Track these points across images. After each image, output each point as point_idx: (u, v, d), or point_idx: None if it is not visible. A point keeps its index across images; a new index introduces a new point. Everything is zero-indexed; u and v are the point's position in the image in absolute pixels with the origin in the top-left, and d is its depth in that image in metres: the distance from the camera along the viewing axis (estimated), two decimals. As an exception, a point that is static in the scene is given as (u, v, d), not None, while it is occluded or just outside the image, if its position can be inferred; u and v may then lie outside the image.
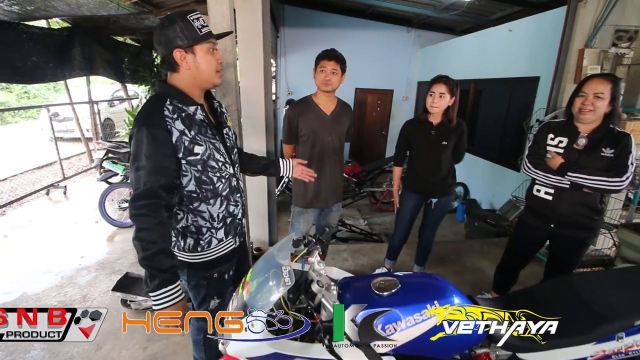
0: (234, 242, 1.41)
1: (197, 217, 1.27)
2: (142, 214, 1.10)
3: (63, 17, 4.66)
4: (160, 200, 1.12)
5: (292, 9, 6.77)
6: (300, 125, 2.12)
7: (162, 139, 1.12)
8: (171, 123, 1.14)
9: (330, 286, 1.12)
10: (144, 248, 1.09)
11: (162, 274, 1.10)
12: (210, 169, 1.26)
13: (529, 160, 1.91)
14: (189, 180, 1.22)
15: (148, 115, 1.15)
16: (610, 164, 1.68)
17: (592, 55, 3.08)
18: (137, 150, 1.11)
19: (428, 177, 2.34)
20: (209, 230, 1.30)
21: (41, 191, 5.30)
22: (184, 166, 1.19)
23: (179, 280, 1.17)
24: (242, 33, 2.49)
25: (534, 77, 4.19)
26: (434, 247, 2.74)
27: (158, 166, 1.11)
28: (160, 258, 1.10)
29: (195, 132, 1.20)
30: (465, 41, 5.90)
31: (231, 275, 1.45)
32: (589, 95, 1.68)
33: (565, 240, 1.91)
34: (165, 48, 1.16)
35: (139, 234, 1.10)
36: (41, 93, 14.13)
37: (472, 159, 5.53)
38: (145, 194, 1.10)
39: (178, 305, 1.14)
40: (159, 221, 1.11)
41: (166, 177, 1.13)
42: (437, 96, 2.15)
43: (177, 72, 1.20)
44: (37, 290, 2.88)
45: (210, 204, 1.28)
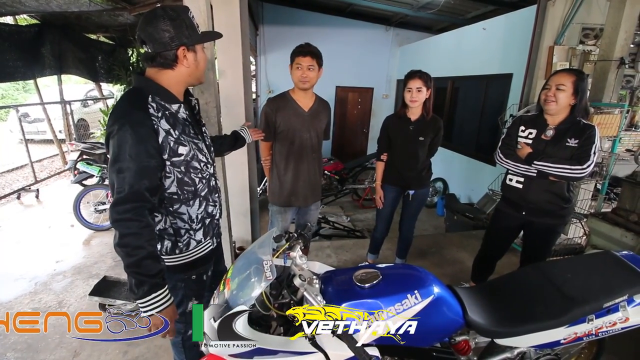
0: (212, 242, 1.38)
1: (176, 219, 1.24)
2: (127, 219, 1.04)
3: (31, 13, 4.45)
4: (146, 204, 1.07)
5: (271, 6, 6.72)
6: (278, 122, 2.09)
7: (149, 139, 1.06)
8: (157, 122, 1.09)
9: (313, 280, 1.13)
10: (130, 254, 1.04)
11: (151, 279, 1.06)
12: (192, 170, 1.22)
13: (501, 150, 2.03)
14: (171, 182, 1.17)
15: (131, 113, 1.07)
16: (575, 153, 1.78)
17: (561, 53, 3.21)
18: (119, 150, 1.03)
19: (405, 170, 2.44)
20: (187, 232, 1.26)
21: (11, 195, 5.06)
22: (168, 167, 1.14)
23: (167, 283, 1.14)
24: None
25: (507, 73, 4.32)
26: (415, 241, 2.80)
27: (144, 167, 1.05)
28: (149, 263, 1.06)
29: (179, 132, 1.16)
30: (441, 40, 6.02)
31: (209, 276, 1.42)
32: (552, 87, 1.79)
33: (537, 228, 2.01)
34: (165, 44, 1.08)
35: (124, 240, 1.04)
36: (9, 94, 13.45)
37: (450, 154, 5.67)
38: (130, 197, 1.04)
39: (168, 310, 1.11)
40: (145, 224, 1.06)
41: (151, 179, 1.08)
42: (415, 91, 2.23)
43: (171, 69, 1.14)
44: (10, 297, 2.76)
45: (190, 205, 1.25)
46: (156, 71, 1.15)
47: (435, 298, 1.13)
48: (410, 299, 1.10)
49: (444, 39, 5.95)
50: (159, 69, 1.14)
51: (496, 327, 1.21)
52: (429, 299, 1.12)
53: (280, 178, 2.21)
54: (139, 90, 1.14)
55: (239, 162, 2.88)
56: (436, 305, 1.13)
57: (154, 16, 1.08)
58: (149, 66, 1.15)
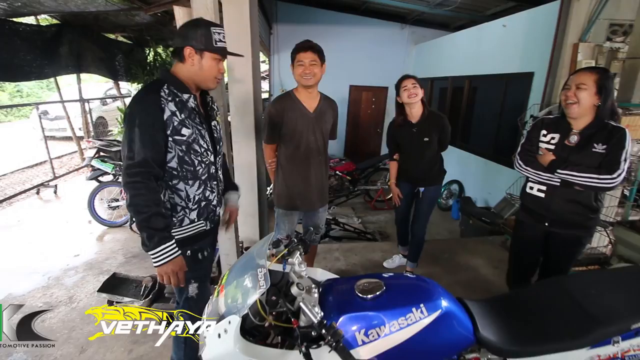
0: (204, 224, 1.46)
1: (174, 194, 1.35)
2: (136, 181, 1.20)
3: (51, 13, 4.56)
4: (152, 170, 1.23)
5: (285, 5, 6.70)
6: (283, 123, 2.01)
7: (154, 114, 1.23)
8: (165, 102, 1.26)
9: (311, 289, 1.07)
10: (140, 212, 1.20)
11: (159, 232, 1.21)
12: (193, 152, 1.35)
13: (520, 157, 1.87)
14: (172, 157, 1.31)
15: (144, 95, 1.28)
16: (603, 161, 1.61)
17: (586, 50, 3.04)
18: (131, 123, 1.21)
19: (413, 170, 2.50)
20: (183, 210, 1.37)
21: (31, 190, 5.22)
22: (170, 143, 1.28)
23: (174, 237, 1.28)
24: (229, 26, 2.40)
25: (528, 72, 4.14)
26: (428, 245, 2.72)
27: (150, 138, 1.22)
28: (156, 219, 1.21)
29: (185, 116, 1.32)
30: (459, 37, 5.84)
31: (206, 257, 1.50)
32: (572, 87, 1.64)
33: (560, 239, 1.85)
34: (181, 41, 1.32)
35: (134, 200, 1.20)
36: (34, 92, 13.98)
37: (467, 156, 5.50)
38: (138, 163, 1.20)
39: (177, 260, 1.25)
40: (152, 187, 1.23)
41: (156, 149, 1.24)
42: (411, 87, 2.27)
43: (182, 63, 1.34)
44: (23, 291, 2.83)
45: (189, 184, 1.37)
46: (176, 64, 1.36)
47: (443, 312, 1.05)
48: (415, 313, 1.02)
49: (461, 37, 5.77)
50: (177, 62, 1.35)
51: (510, 345, 1.11)
52: (436, 314, 1.04)
53: (286, 182, 2.14)
54: (158, 80, 1.34)
55: (248, 163, 2.85)
56: (444, 320, 1.05)
57: (189, 22, 1.37)
58: (174, 59, 1.37)
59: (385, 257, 3.03)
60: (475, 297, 2.60)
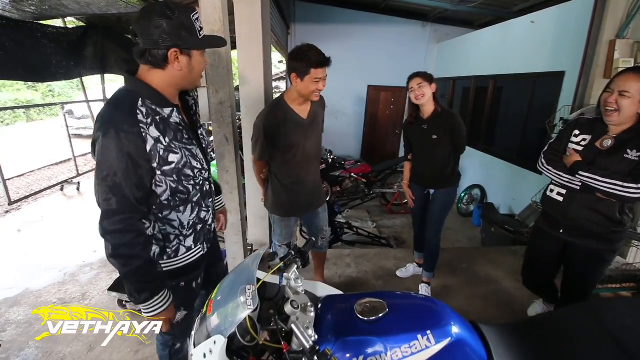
0: (202, 248, 1.31)
1: (166, 225, 1.18)
2: (119, 230, 1.01)
3: (75, 16, 4.70)
4: (136, 215, 1.05)
5: (303, 4, 6.62)
6: (279, 138, 1.86)
7: (136, 148, 0.99)
8: (145, 129, 1.02)
9: (307, 307, 0.98)
10: (126, 265, 1.03)
11: (152, 284, 1.08)
12: (184, 178, 1.15)
13: (545, 155, 1.76)
14: (163, 191, 1.12)
15: (118, 119, 1.00)
16: (634, 169, 1.45)
17: (624, 47, 2.79)
18: (105, 159, 0.98)
19: (423, 170, 2.42)
20: (177, 238, 1.20)
21: (55, 187, 5.41)
22: (159, 177, 1.08)
23: (166, 285, 1.15)
24: (240, 25, 2.36)
25: (558, 72, 3.88)
26: (445, 254, 2.57)
27: (132, 177, 1.00)
28: (146, 269, 1.07)
29: (170, 139, 1.09)
30: (484, 35, 5.58)
31: (199, 283, 1.36)
32: (614, 92, 1.47)
33: (579, 252, 1.70)
34: (155, 42, 1.01)
35: (118, 251, 1.03)
36: (65, 91, 14.60)
37: (490, 159, 5.24)
38: (119, 208, 1.00)
39: (170, 308, 1.15)
40: (138, 234, 1.05)
41: (140, 188, 1.04)
42: (417, 87, 2.18)
43: (161, 69, 1.06)
44: (39, 286, 2.91)
45: (181, 211, 1.19)
46: (147, 69, 1.07)
47: (454, 340, 0.94)
48: (421, 341, 0.91)
49: (486, 34, 5.51)
50: (150, 68, 1.07)
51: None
52: (445, 342, 0.93)
53: (281, 190, 2.03)
54: (129, 92, 1.06)
55: (259, 163, 2.80)
56: (454, 349, 0.93)
57: (151, 10, 1.01)
58: (140, 62, 1.07)
59: (399, 266, 2.89)
60: (495, 312, 2.45)
